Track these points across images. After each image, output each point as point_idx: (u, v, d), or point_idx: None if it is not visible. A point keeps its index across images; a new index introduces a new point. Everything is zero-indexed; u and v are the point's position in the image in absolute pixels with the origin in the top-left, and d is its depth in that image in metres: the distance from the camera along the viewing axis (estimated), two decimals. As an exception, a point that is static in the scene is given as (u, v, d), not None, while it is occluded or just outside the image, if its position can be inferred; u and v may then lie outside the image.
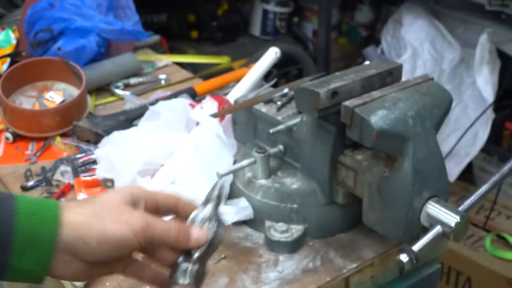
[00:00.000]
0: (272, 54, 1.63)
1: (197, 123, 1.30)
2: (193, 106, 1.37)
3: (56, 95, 1.54)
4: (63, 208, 0.72)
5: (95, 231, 0.71)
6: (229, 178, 1.19)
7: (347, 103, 0.96)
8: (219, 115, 1.27)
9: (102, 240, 0.71)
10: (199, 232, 0.79)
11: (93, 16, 1.66)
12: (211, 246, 0.81)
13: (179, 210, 0.82)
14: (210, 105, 1.33)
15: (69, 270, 0.73)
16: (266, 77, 1.72)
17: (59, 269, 0.72)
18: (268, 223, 1.13)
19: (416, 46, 2.53)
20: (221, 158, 1.23)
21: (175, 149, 1.27)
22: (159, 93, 1.64)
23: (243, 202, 1.16)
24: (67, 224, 0.70)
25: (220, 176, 1.12)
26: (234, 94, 1.46)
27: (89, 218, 0.71)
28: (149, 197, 0.79)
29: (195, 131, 1.28)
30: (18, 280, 0.71)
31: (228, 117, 1.30)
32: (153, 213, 0.78)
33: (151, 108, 1.38)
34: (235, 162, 1.23)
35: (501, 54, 2.40)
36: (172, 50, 2.50)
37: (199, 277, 0.79)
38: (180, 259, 0.79)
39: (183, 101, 1.40)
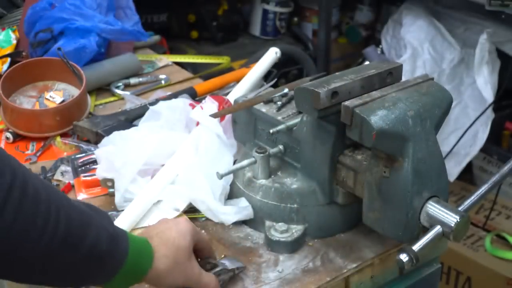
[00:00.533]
0: (272, 54, 1.63)
1: (198, 123, 1.30)
2: (193, 106, 1.37)
3: (56, 95, 1.54)
4: (154, 253, 0.90)
5: (168, 282, 0.93)
6: (230, 178, 1.19)
7: (347, 103, 0.96)
8: (219, 115, 1.27)
9: (168, 286, 0.94)
10: None
11: (93, 16, 1.66)
12: None
13: (202, 252, 1.00)
14: (210, 105, 1.33)
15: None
16: (266, 77, 1.71)
17: None
18: (268, 223, 1.13)
19: (416, 46, 2.53)
20: (221, 158, 1.23)
21: (175, 149, 1.27)
22: (159, 93, 1.64)
23: (243, 202, 1.16)
24: (154, 269, 0.90)
25: (220, 176, 1.12)
26: (234, 94, 1.46)
27: (168, 269, 0.91)
28: (196, 237, 0.97)
29: (195, 131, 1.28)
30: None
31: (228, 117, 1.30)
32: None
33: (151, 108, 1.38)
34: (235, 162, 1.23)
35: (501, 54, 2.40)
36: (172, 50, 2.50)
37: None
38: None
39: (183, 101, 1.40)
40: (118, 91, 1.68)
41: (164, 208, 1.20)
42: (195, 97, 1.60)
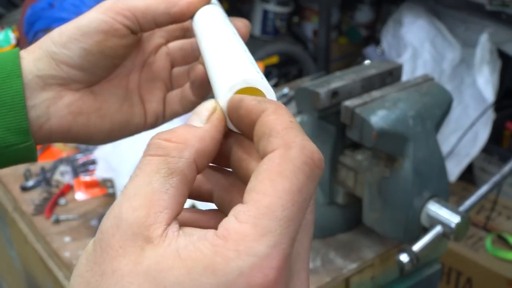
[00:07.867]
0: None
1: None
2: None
3: (55, 95, 1.54)
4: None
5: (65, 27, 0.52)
6: None
7: (347, 103, 0.96)
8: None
9: (71, 32, 0.52)
10: None
11: (93, 16, 1.66)
12: None
13: None
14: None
15: (60, 113, 0.52)
16: (266, 77, 1.71)
17: (45, 117, 0.52)
18: (268, 223, 1.12)
19: (416, 46, 2.53)
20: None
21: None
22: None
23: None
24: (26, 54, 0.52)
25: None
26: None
27: None
28: None
29: None
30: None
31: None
32: None
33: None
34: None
35: (501, 54, 2.40)
36: (172, 50, 2.50)
37: None
38: None
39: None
40: (118, 91, 1.68)
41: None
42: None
